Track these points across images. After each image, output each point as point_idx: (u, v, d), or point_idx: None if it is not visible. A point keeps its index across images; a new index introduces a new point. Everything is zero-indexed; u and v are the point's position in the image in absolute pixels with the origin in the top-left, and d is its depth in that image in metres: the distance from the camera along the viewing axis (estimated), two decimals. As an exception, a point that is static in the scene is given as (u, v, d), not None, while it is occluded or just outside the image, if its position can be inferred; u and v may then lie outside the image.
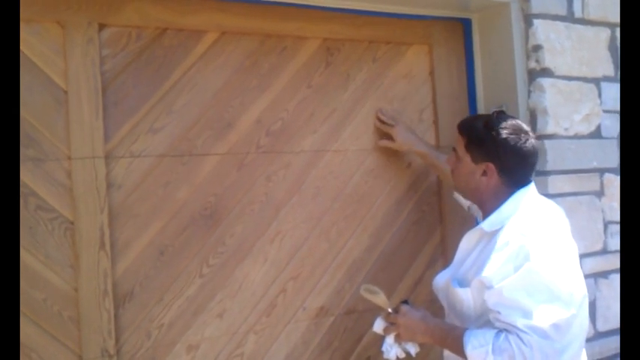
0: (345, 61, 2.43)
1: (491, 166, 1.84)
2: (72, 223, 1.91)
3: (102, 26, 2.00)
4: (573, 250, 1.80)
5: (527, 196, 1.85)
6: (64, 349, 1.88)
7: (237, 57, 2.22)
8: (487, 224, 1.82)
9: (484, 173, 1.86)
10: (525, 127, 1.87)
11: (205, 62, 2.16)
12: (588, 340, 2.52)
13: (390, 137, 2.42)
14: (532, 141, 1.85)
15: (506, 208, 1.82)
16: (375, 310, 2.01)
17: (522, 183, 1.86)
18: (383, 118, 2.45)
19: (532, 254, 1.65)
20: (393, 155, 2.50)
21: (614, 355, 2.63)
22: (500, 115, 1.90)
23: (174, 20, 2.10)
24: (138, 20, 2.05)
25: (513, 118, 1.90)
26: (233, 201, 2.18)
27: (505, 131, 1.82)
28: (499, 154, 1.83)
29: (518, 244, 1.68)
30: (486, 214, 1.88)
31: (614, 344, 2.62)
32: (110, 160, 1.98)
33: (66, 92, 1.92)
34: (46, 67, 1.91)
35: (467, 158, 1.89)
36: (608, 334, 2.62)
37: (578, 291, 1.70)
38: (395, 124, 2.42)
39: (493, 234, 1.79)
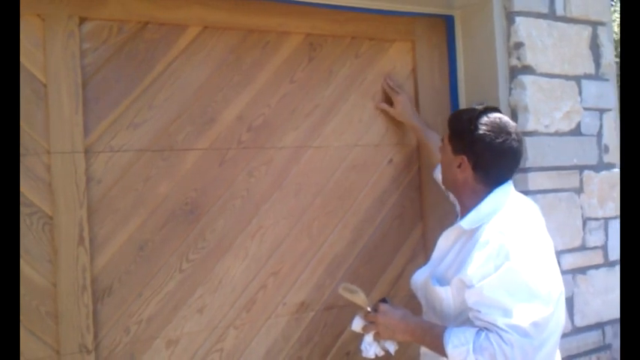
0: (327, 57, 2.43)
1: (465, 159, 1.85)
2: (51, 217, 1.90)
3: (83, 20, 1.98)
4: (550, 247, 1.81)
5: (506, 195, 1.85)
6: (41, 344, 1.87)
7: (220, 52, 2.22)
8: (466, 222, 1.83)
9: (459, 165, 1.87)
10: (509, 127, 1.85)
11: (187, 57, 2.15)
12: (566, 335, 2.56)
13: (390, 103, 2.51)
14: (512, 143, 1.83)
15: (485, 206, 1.82)
16: (356, 306, 2.01)
17: (500, 182, 1.86)
18: (391, 83, 2.53)
19: (512, 253, 1.66)
20: (374, 151, 2.51)
21: (592, 350, 2.66)
22: (488, 111, 1.88)
23: (156, 14, 2.09)
24: (119, 14, 2.04)
25: (501, 116, 1.88)
26: (214, 196, 2.17)
27: (484, 127, 1.82)
28: (473, 148, 1.83)
29: (498, 243, 1.69)
30: (465, 211, 1.89)
31: (591, 339, 2.66)
32: (90, 155, 1.97)
33: (45, 86, 1.91)
34: (25, 61, 1.89)
35: (448, 149, 1.91)
36: (585, 329, 2.65)
37: (556, 288, 1.72)
38: (400, 93, 2.50)
39: (472, 232, 1.80)
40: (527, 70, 2.53)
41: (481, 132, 1.82)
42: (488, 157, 1.83)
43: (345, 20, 2.45)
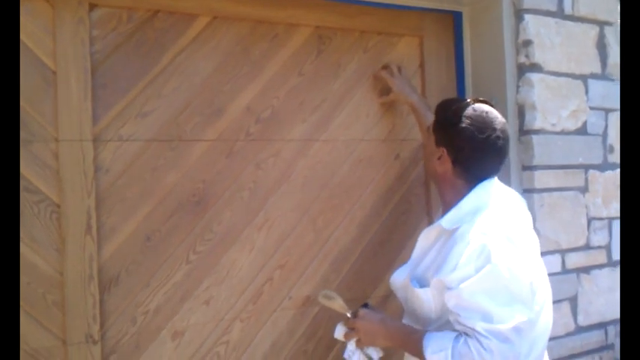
0: (336, 51, 2.42)
1: (445, 151, 1.79)
2: (58, 206, 1.88)
3: (92, 6, 1.96)
4: (536, 247, 1.75)
5: (488, 193, 1.75)
6: (47, 333, 1.85)
7: (229, 42, 2.20)
8: (446, 221, 1.74)
9: (439, 157, 1.80)
10: (495, 123, 1.76)
11: (196, 47, 2.13)
12: (569, 334, 2.57)
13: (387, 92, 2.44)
14: (496, 140, 1.75)
15: (466, 204, 1.74)
16: (358, 301, 1.98)
17: (482, 178, 1.78)
18: (386, 67, 2.45)
19: (494, 255, 1.57)
20: (381, 146, 2.49)
21: (594, 350, 2.66)
22: (476, 104, 1.80)
23: (166, 3, 2.07)
24: (129, 1, 2.01)
25: (489, 110, 1.79)
26: (222, 188, 2.15)
27: (467, 121, 1.74)
28: (454, 142, 1.77)
29: (479, 244, 1.59)
30: (445, 207, 1.82)
31: (594, 339, 2.66)
32: (98, 144, 1.95)
33: (54, 73, 1.88)
34: (35, 47, 1.87)
35: (432, 139, 1.85)
36: (588, 328, 2.65)
37: (541, 291, 1.66)
38: (394, 73, 2.42)
39: (453, 232, 1.71)
40: (535, 67, 2.53)
41: (464, 125, 1.74)
42: (469, 152, 1.75)
43: (354, 14, 2.43)
